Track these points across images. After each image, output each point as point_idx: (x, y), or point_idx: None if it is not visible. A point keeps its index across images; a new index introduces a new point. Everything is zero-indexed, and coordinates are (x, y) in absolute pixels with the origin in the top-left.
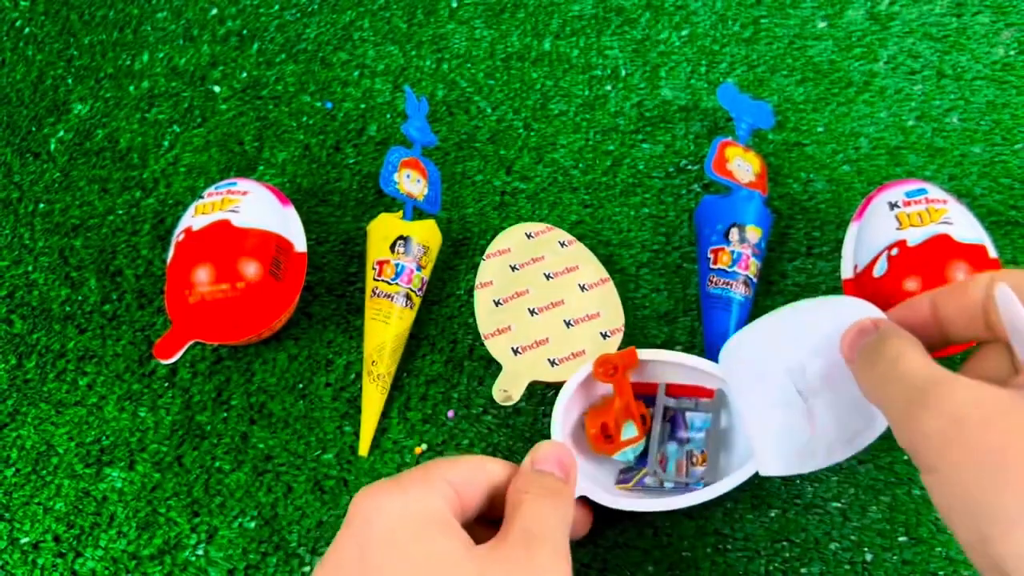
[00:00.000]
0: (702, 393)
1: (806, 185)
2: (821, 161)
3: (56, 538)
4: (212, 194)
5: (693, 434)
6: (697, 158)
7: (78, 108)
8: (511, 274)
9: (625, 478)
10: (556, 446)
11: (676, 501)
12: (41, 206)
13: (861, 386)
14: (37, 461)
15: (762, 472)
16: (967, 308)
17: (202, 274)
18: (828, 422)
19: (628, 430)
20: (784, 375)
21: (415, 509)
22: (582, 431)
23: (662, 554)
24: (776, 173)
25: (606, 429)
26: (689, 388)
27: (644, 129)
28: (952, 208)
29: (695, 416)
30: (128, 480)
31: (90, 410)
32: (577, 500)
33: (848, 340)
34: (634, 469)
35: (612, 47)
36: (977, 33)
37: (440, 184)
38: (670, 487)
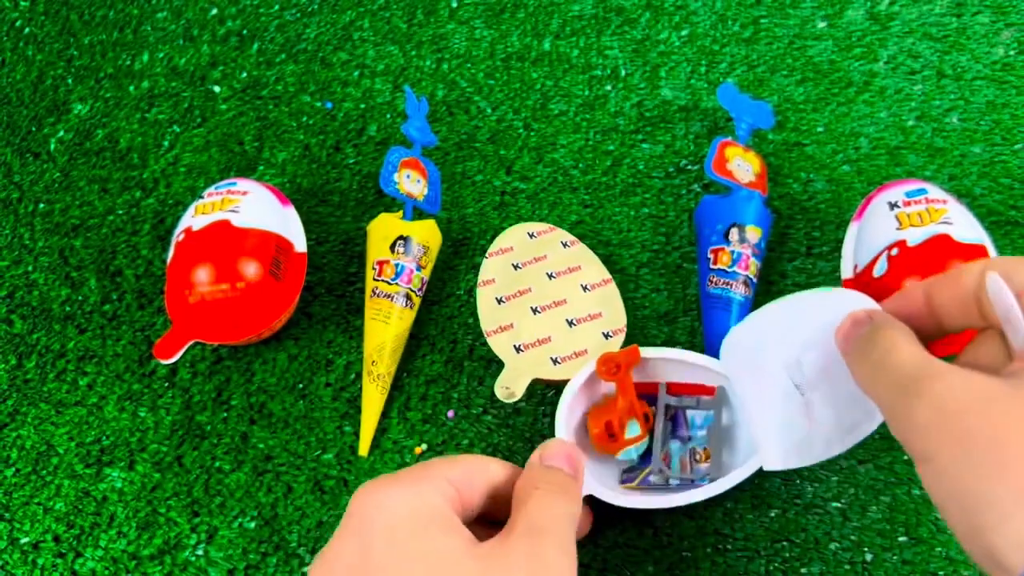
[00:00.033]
0: (703, 391)
1: (806, 185)
2: (821, 161)
3: (56, 538)
4: (212, 194)
5: (694, 432)
6: (697, 158)
7: (78, 108)
8: (513, 272)
9: (629, 477)
10: (565, 443)
11: (683, 497)
12: (41, 206)
13: (855, 377)
14: (37, 461)
15: (765, 467)
16: (960, 297)
17: (202, 274)
18: (826, 415)
19: (632, 428)
20: (781, 369)
21: (416, 505)
22: (584, 432)
23: (662, 554)
24: (776, 173)
25: (610, 428)
26: (690, 386)
27: (644, 129)
28: (952, 208)
29: (696, 414)
30: (128, 480)
31: (90, 410)
32: None
33: (843, 332)
34: (638, 468)
35: (612, 47)
36: (977, 33)
37: (440, 184)
38: (675, 484)
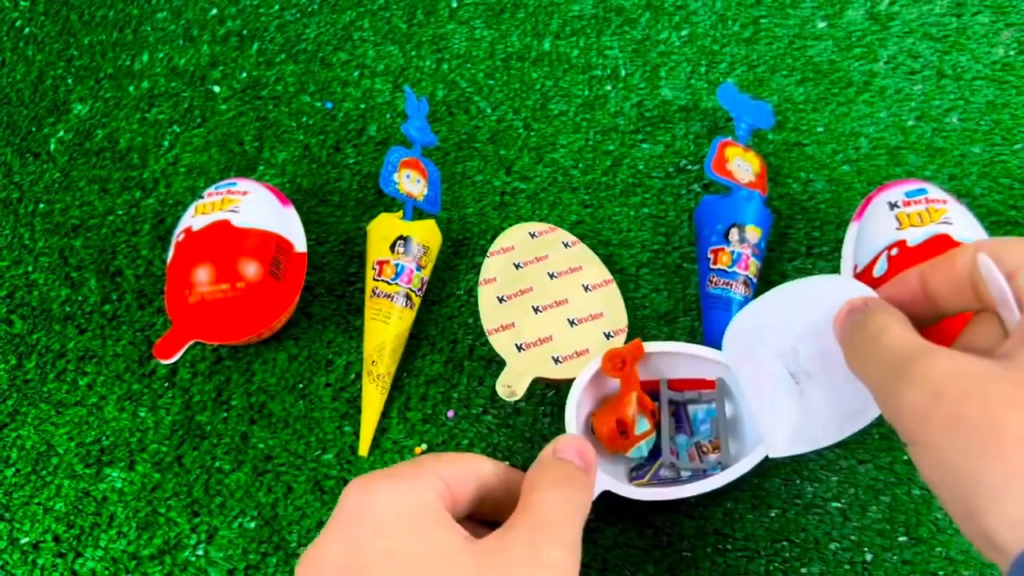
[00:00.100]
0: (703, 385)
1: (806, 185)
2: (821, 161)
3: (56, 538)
4: (212, 194)
5: (697, 427)
6: (697, 158)
7: (78, 108)
8: (515, 272)
9: (639, 474)
10: (577, 438)
11: (701, 486)
12: (41, 206)
13: (847, 361)
14: (37, 461)
15: (770, 454)
16: (954, 280)
17: (202, 274)
18: (821, 403)
19: (641, 424)
20: (776, 357)
21: (408, 501)
22: (590, 433)
23: (662, 554)
24: (776, 173)
25: (622, 424)
26: (690, 382)
27: (644, 129)
28: (952, 208)
29: (697, 409)
30: (128, 480)
31: (90, 410)
32: None
33: (839, 320)
34: (646, 465)
35: (612, 47)
36: (977, 33)
37: (440, 184)
38: (687, 476)
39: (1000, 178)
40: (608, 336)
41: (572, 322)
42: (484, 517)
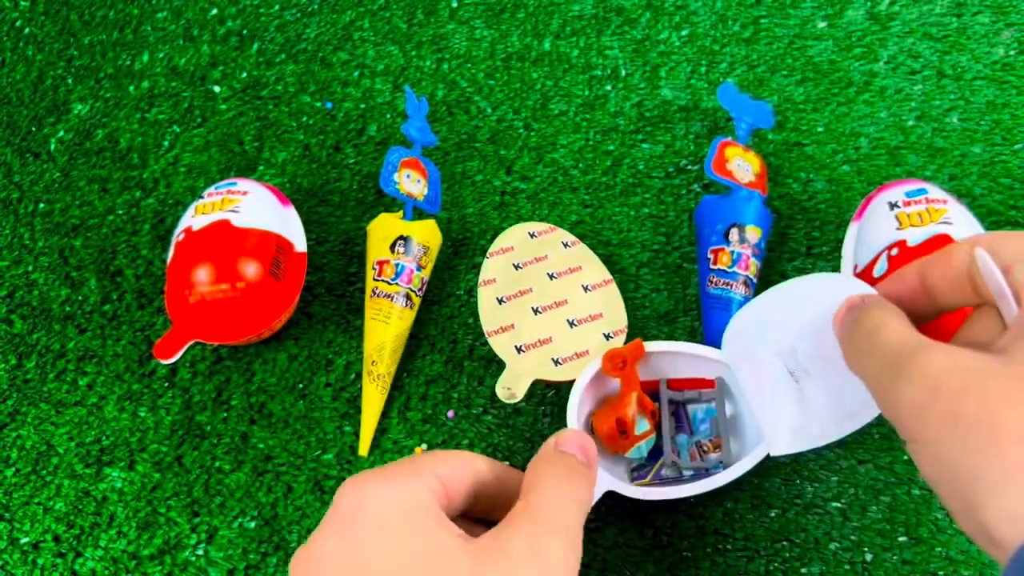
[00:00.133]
0: (703, 384)
1: (806, 185)
2: (821, 161)
3: (56, 538)
4: (212, 194)
5: (697, 427)
6: (697, 158)
7: (78, 108)
8: (514, 272)
9: (640, 474)
10: (579, 432)
11: (703, 485)
12: (41, 206)
13: (845, 358)
14: (37, 461)
15: (771, 453)
16: (952, 275)
17: (202, 274)
18: (821, 402)
19: (641, 424)
20: (775, 356)
21: (403, 500)
22: (591, 433)
23: (662, 554)
24: (776, 173)
25: (621, 424)
26: (690, 381)
27: (644, 129)
28: (952, 208)
29: (697, 409)
30: (128, 480)
31: (90, 410)
32: None
33: (838, 318)
34: (647, 465)
35: (612, 47)
36: (977, 33)
37: (440, 184)
38: (689, 475)
39: (1000, 178)
40: (608, 337)
41: (572, 323)
42: (479, 515)
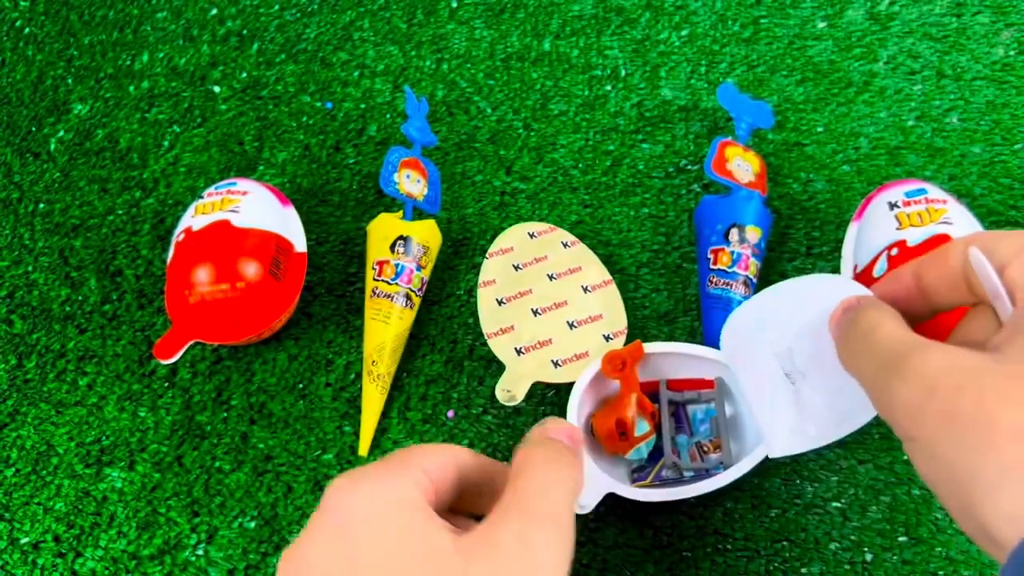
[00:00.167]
0: (703, 385)
1: (806, 185)
2: (821, 161)
3: (56, 538)
4: (212, 194)
5: (696, 427)
6: (697, 158)
7: (78, 108)
8: (514, 273)
9: (641, 475)
10: (566, 422)
11: (703, 486)
12: (41, 206)
13: (841, 359)
14: (37, 461)
15: (770, 454)
16: (948, 275)
17: (202, 274)
18: (819, 403)
19: (641, 426)
20: (771, 358)
21: (391, 500)
22: (591, 435)
23: (662, 554)
24: (776, 173)
25: (621, 425)
26: (689, 382)
27: (644, 129)
28: (952, 208)
29: (697, 409)
30: (128, 480)
31: (90, 410)
32: None
33: (834, 319)
34: (647, 466)
35: (612, 47)
36: (977, 33)
37: (440, 184)
38: (690, 476)
39: (1000, 178)
40: (607, 338)
41: (571, 324)
42: (465, 509)
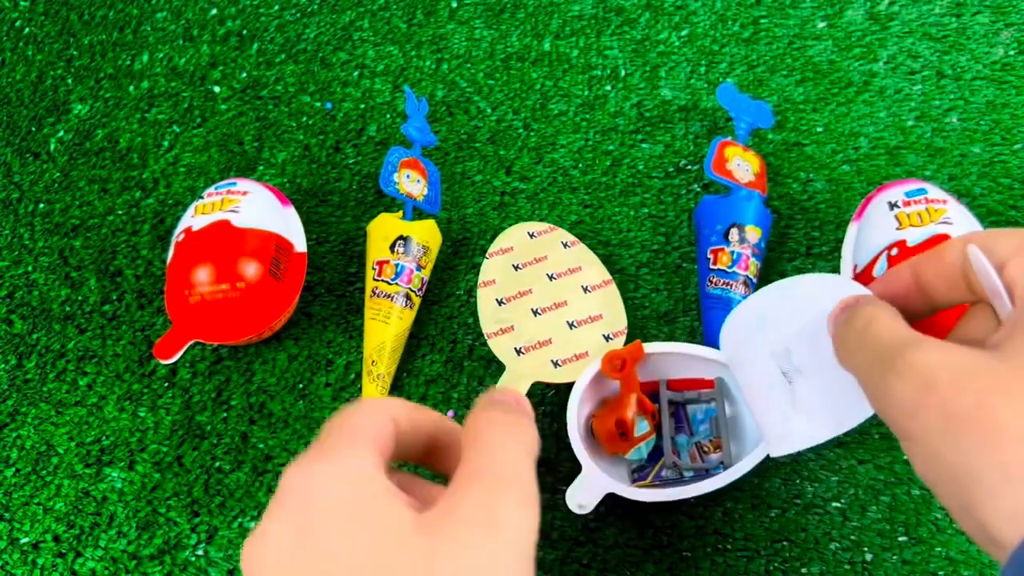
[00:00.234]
0: (702, 385)
1: (806, 185)
2: (821, 161)
3: (56, 538)
4: (212, 194)
5: (696, 427)
6: (697, 158)
7: (78, 108)
8: (514, 273)
9: (641, 475)
10: (510, 388)
11: (703, 486)
12: (41, 206)
13: (837, 356)
14: (37, 461)
15: (770, 453)
16: (946, 273)
17: (202, 274)
18: (817, 401)
19: (641, 426)
20: (768, 357)
21: (349, 477)
22: (591, 436)
23: (662, 554)
24: (776, 173)
25: (621, 425)
26: (689, 381)
27: (644, 129)
28: (952, 208)
29: (696, 409)
30: (128, 480)
31: (90, 410)
32: None
33: (832, 317)
34: (647, 466)
35: (612, 47)
36: (977, 33)
37: (440, 184)
38: (690, 476)
39: (1000, 178)
40: (607, 338)
41: (571, 324)
42: (411, 461)
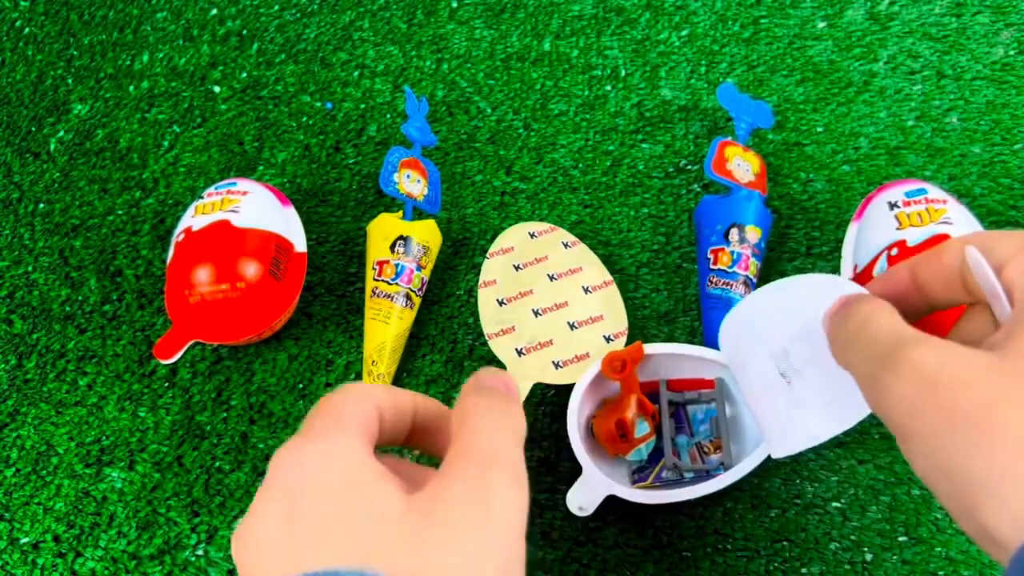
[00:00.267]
0: (702, 385)
1: (806, 185)
2: (821, 161)
3: (56, 538)
4: (212, 194)
5: (697, 428)
6: (697, 158)
7: (78, 108)
8: (515, 274)
9: (642, 476)
10: (497, 370)
11: (703, 488)
12: (41, 206)
13: (834, 353)
14: (37, 461)
15: (772, 455)
16: (943, 274)
17: (202, 274)
18: (815, 401)
19: (641, 427)
20: (767, 358)
21: (340, 459)
22: (591, 436)
23: (662, 554)
24: (776, 173)
25: (621, 427)
26: (689, 382)
27: (644, 129)
28: (952, 208)
29: (696, 410)
30: (128, 480)
31: (90, 410)
32: None
33: (829, 315)
34: (648, 467)
35: (612, 47)
36: (977, 33)
37: (440, 184)
38: (690, 476)
39: (1000, 178)
40: (608, 339)
41: (572, 325)
42: (390, 444)
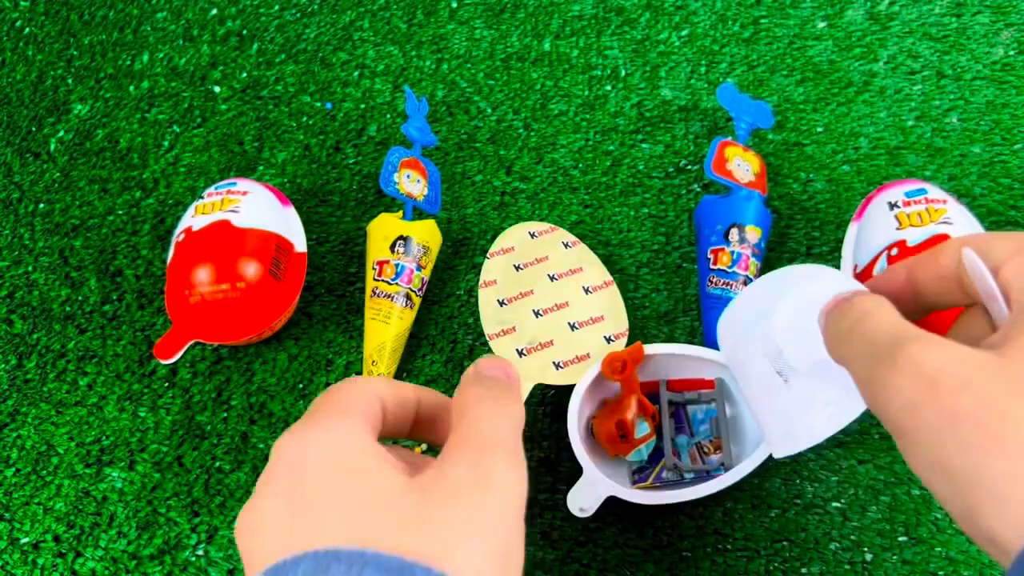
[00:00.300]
0: (702, 385)
1: (806, 185)
2: (821, 161)
3: (56, 538)
4: (212, 194)
5: (697, 428)
6: (697, 158)
7: (78, 108)
8: (515, 274)
9: (642, 477)
10: (497, 358)
11: (703, 488)
12: (41, 206)
13: (828, 349)
14: (37, 461)
15: (774, 455)
16: (940, 275)
17: (202, 274)
18: (813, 399)
19: (641, 428)
20: (763, 357)
21: (343, 445)
22: (591, 437)
23: (662, 554)
24: (776, 173)
25: (622, 427)
26: (689, 382)
27: (644, 129)
28: (952, 208)
29: (696, 410)
30: (128, 480)
31: (90, 410)
32: None
33: (826, 311)
34: (648, 468)
35: (612, 47)
36: (977, 33)
37: (440, 184)
38: (691, 477)
39: (1000, 178)
40: (609, 340)
41: (573, 326)
42: (393, 436)
